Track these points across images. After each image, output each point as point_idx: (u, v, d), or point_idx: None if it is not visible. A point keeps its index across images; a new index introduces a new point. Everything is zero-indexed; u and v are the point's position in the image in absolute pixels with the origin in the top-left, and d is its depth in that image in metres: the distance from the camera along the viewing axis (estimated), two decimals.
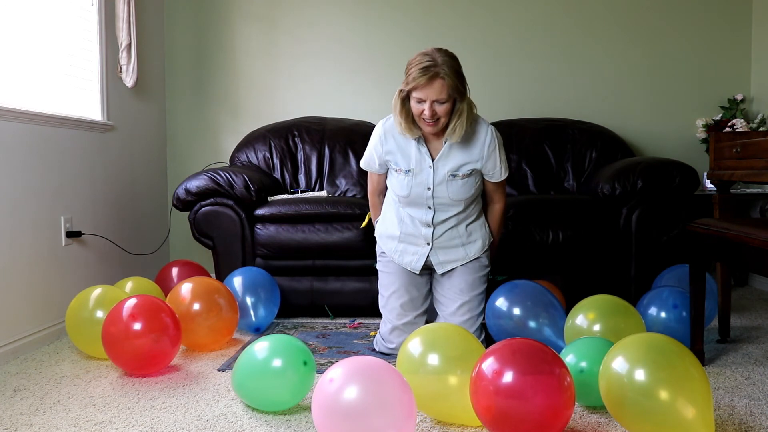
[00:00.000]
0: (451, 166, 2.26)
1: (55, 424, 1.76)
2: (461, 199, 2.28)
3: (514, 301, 2.34)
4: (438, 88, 2.12)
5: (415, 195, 2.29)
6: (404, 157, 2.29)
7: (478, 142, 2.26)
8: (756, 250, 1.83)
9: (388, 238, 2.41)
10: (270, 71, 3.83)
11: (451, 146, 2.26)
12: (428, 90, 2.12)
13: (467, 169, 2.27)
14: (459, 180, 2.26)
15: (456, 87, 2.14)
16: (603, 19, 3.78)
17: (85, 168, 2.92)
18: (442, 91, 2.12)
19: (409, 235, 2.35)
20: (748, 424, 1.72)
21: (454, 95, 2.15)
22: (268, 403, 1.82)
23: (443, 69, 2.11)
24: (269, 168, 3.46)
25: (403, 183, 2.30)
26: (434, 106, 2.14)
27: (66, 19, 2.82)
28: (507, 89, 3.80)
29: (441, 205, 2.29)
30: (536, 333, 2.28)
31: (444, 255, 2.35)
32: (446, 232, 2.33)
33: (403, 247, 2.37)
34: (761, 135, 2.37)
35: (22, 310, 2.46)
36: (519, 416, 1.49)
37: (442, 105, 2.14)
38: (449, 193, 2.27)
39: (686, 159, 3.40)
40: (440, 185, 2.27)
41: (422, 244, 2.34)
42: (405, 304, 2.37)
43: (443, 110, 2.15)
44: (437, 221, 2.31)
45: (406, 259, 2.36)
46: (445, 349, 1.72)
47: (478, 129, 2.27)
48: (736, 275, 3.66)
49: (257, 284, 2.69)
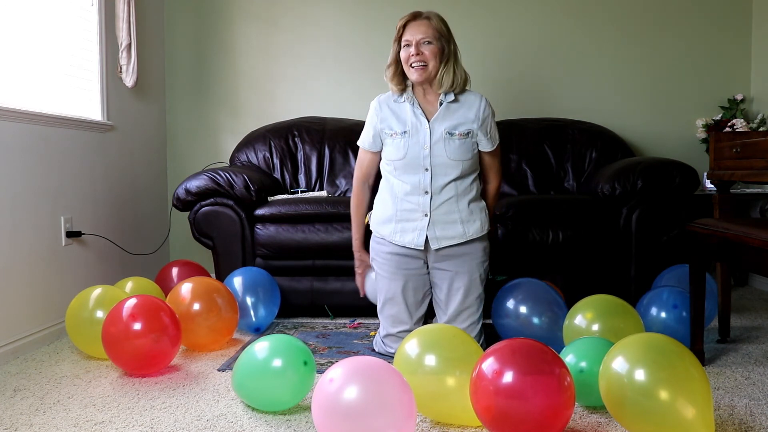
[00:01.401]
0: (447, 125, 2.28)
1: (55, 424, 1.76)
2: (460, 159, 2.27)
3: (519, 299, 2.36)
4: (424, 26, 2.24)
5: (411, 156, 2.27)
6: (399, 121, 2.32)
7: (473, 105, 2.31)
8: (756, 250, 1.83)
9: (384, 222, 2.36)
10: (270, 71, 3.83)
11: (446, 107, 2.30)
12: (414, 29, 2.25)
13: (464, 129, 2.28)
14: (456, 139, 2.27)
15: (442, 30, 2.26)
16: (603, 19, 3.78)
17: (85, 168, 2.92)
18: (428, 29, 2.24)
19: (406, 211, 2.31)
20: (748, 424, 1.72)
21: (441, 41, 2.25)
22: (268, 403, 1.82)
23: (430, 13, 2.28)
24: (269, 168, 3.46)
25: (399, 145, 2.30)
26: (421, 47, 2.23)
27: (66, 19, 2.82)
28: (507, 89, 3.80)
29: (439, 166, 2.27)
30: (541, 331, 2.29)
31: (441, 230, 2.29)
32: (444, 204, 2.28)
33: (401, 227, 2.32)
34: (761, 135, 2.37)
35: (22, 310, 2.46)
36: (519, 416, 1.49)
37: (428, 46, 2.23)
38: (447, 152, 2.26)
39: (686, 159, 3.40)
40: (437, 144, 2.27)
41: (420, 218, 2.29)
42: (400, 313, 2.34)
43: (430, 52, 2.23)
44: (435, 187, 2.27)
45: (407, 238, 2.31)
46: (443, 350, 1.72)
47: (472, 95, 2.34)
48: (736, 275, 3.66)
49: (257, 284, 2.69)
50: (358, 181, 2.48)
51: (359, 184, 2.48)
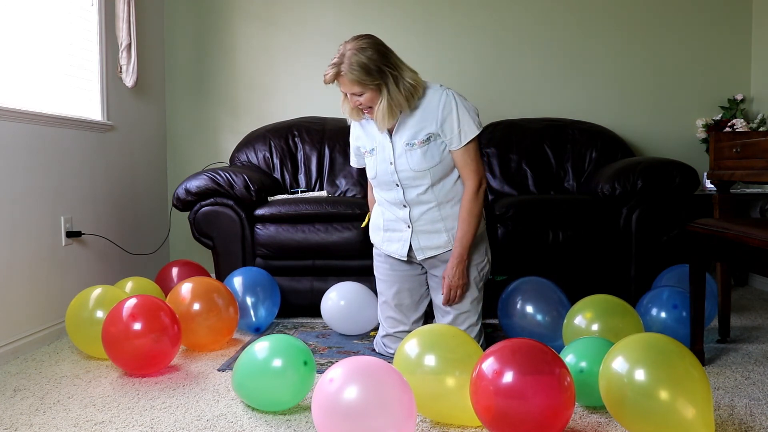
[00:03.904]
0: (407, 135, 2.21)
1: (55, 424, 1.76)
2: (423, 169, 2.20)
3: (526, 298, 2.38)
4: (347, 84, 2.14)
5: (381, 173, 2.26)
6: (368, 138, 2.31)
7: (431, 106, 2.18)
8: (756, 250, 1.83)
9: (376, 230, 2.40)
10: (270, 71, 3.83)
11: (405, 117, 2.22)
12: (342, 86, 2.18)
13: (424, 135, 2.19)
14: (417, 149, 2.19)
15: (361, 80, 2.10)
16: (603, 19, 3.78)
17: (85, 168, 2.92)
18: (352, 86, 2.13)
19: (391, 221, 2.32)
20: (748, 424, 1.72)
21: (368, 86, 2.11)
22: (268, 403, 1.82)
23: (345, 65, 2.10)
24: (269, 168, 3.46)
25: (370, 164, 2.31)
26: (354, 99, 2.18)
27: (66, 19, 2.82)
28: (507, 89, 3.80)
29: (406, 179, 2.23)
30: (548, 330, 2.29)
31: (425, 240, 2.27)
32: (425, 214, 2.25)
33: (388, 236, 2.34)
34: (761, 135, 2.38)
35: (22, 310, 2.46)
36: (519, 416, 1.49)
37: (362, 96, 2.15)
38: (410, 164, 2.20)
39: (686, 159, 3.40)
40: (400, 158, 2.22)
41: (404, 229, 2.29)
42: (396, 315, 2.35)
43: (366, 100, 2.15)
44: (410, 199, 2.24)
45: (393, 247, 2.33)
46: (443, 350, 1.72)
47: (430, 94, 2.20)
48: (736, 275, 3.66)
49: (257, 284, 2.69)
50: (369, 185, 2.47)
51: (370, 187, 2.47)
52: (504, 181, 3.42)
